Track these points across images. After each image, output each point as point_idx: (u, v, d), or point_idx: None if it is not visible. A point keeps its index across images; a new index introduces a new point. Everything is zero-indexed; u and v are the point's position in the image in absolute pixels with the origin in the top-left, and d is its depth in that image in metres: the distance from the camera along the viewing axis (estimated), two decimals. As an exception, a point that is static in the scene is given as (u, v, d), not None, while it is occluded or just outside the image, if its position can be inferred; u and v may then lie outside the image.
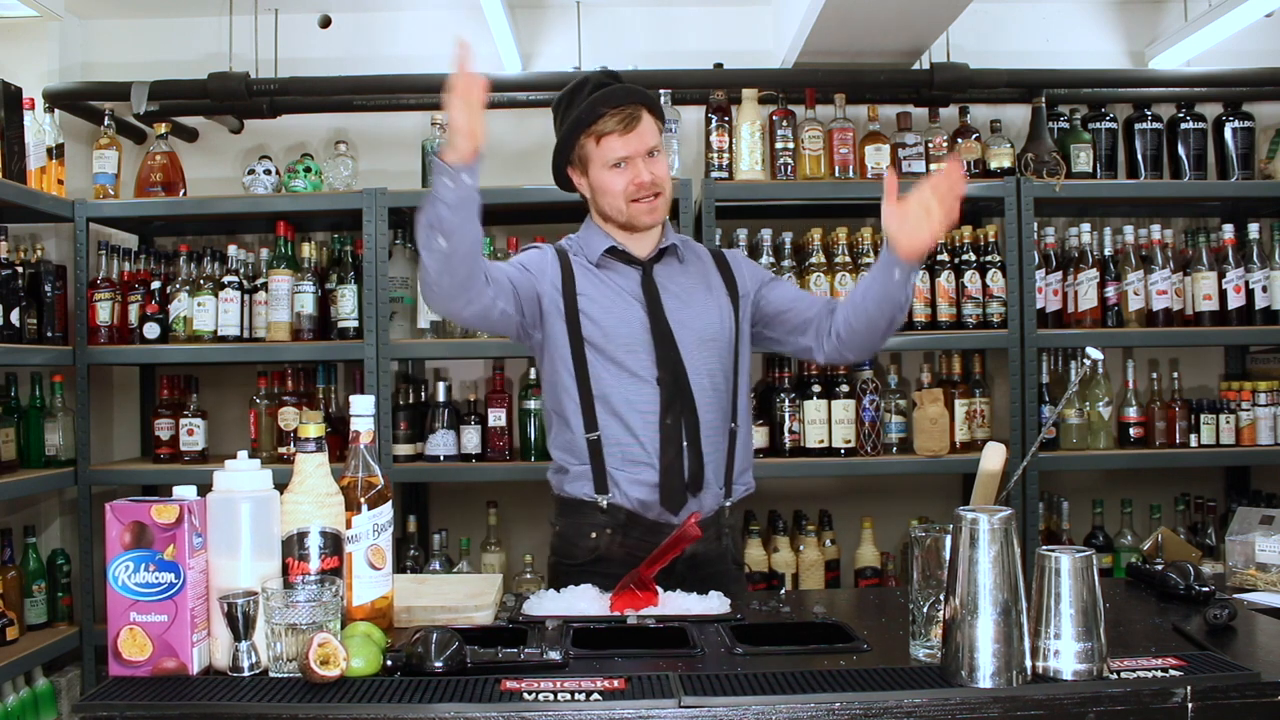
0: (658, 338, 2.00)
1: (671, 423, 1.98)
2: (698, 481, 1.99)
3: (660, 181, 2.02)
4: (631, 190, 2.01)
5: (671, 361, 2.00)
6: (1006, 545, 1.30)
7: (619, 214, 2.04)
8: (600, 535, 2.01)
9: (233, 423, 3.60)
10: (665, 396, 1.98)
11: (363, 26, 3.68)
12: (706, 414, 2.01)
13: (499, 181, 3.41)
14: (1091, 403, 3.30)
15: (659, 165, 2.03)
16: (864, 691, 1.27)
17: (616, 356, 2.00)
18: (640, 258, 2.07)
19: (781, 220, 3.49)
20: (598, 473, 2.00)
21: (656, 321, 2.01)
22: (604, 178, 2.03)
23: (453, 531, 3.37)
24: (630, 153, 1.99)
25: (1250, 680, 1.31)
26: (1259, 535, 1.90)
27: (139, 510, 1.36)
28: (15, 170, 3.00)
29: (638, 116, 1.99)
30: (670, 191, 2.08)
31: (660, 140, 2.05)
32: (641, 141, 1.99)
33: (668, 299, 2.04)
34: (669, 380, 1.99)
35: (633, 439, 1.99)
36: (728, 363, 2.07)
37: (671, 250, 2.10)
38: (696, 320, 2.04)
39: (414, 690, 1.29)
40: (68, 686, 3.25)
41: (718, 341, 2.05)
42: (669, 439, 1.98)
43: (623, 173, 2.01)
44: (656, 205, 2.03)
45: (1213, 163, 3.47)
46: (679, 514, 1.98)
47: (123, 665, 1.36)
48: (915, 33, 3.20)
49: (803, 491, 3.59)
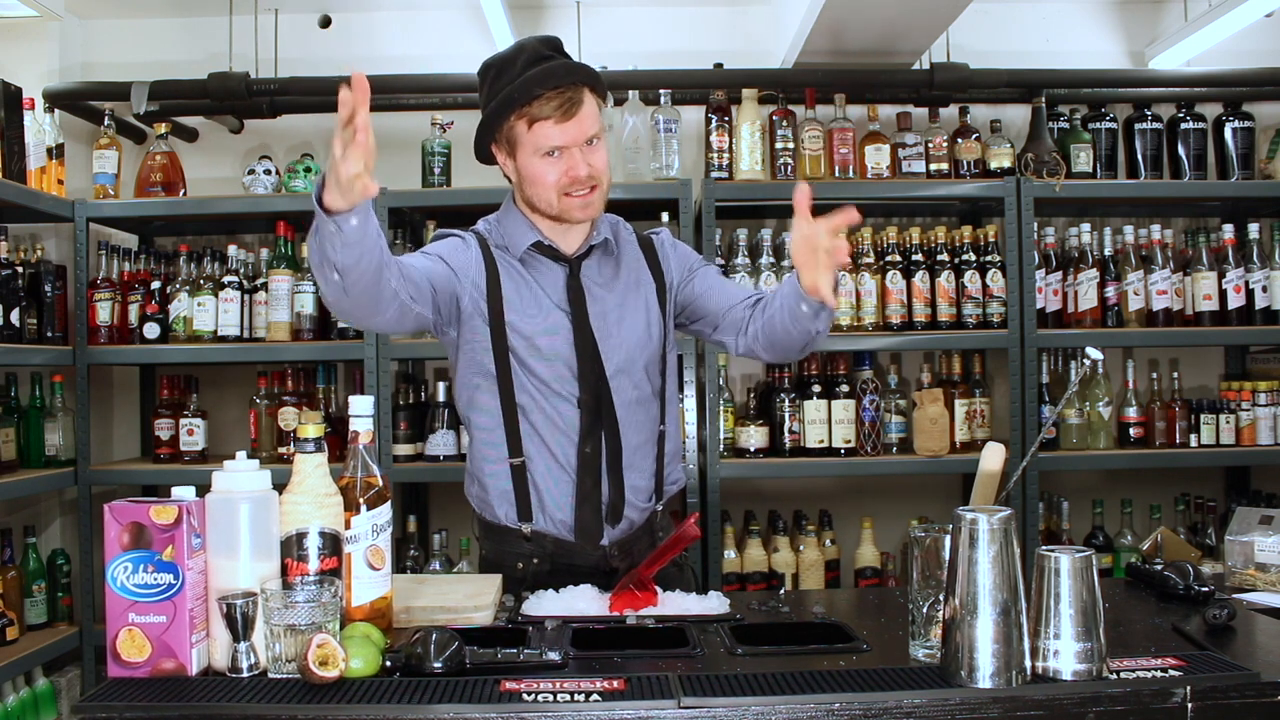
0: (581, 353, 1.85)
1: (591, 451, 1.85)
2: (617, 512, 1.87)
3: (598, 174, 1.82)
4: (565, 183, 1.81)
5: (594, 381, 1.85)
6: (1006, 545, 1.29)
7: (549, 206, 1.84)
8: (527, 565, 1.89)
9: (233, 423, 3.60)
10: (585, 421, 1.85)
11: (363, 26, 3.68)
12: (633, 435, 1.89)
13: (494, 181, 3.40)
14: (1091, 403, 3.30)
15: (597, 155, 1.82)
16: (864, 692, 1.27)
17: (538, 370, 1.85)
18: (568, 254, 1.89)
19: (782, 220, 3.49)
20: (520, 497, 1.87)
21: (581, 334, 1.85)
22: (534, 166, 1.81)
23: (453, 531, 3.37)
24: (567, 142, 1.78)
25: (1250, 680, 1.31)
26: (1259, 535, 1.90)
27: (138, 511, 1.36)
28: (15, 170, 3.00)
29: (578, 100, 1.78)
30: (608, 183, 1.87)
31: (601, 125, 1.84)
32: (580, 129, 1.78)
33: (594, 305, 1.88)
34: (590, 403, 1.85)
35: (554, 462, 1.86)
36: (655, 368, 1.94)
37: (602, 244, 1.92)
38: (625, 330, 1.90)
39: (413, 691, 1.29)
40: (68, 686, 3.25)
41: (646, 349, 1.92)
42: (586, 467, 1.85)
43: (556, 162, 1.80)
44: (592, 199, 1.83)
45: (1213, 163, 3.47)
46: (596, 544, 1.88)
47: (122, 666, 1.36)
48: (915, 33, 3.20)
49: (803, 491, 3.59)
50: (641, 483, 1.93)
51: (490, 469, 1.91)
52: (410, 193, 3.25)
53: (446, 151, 3.32)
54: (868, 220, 3.43)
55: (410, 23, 3.68)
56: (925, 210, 3.62)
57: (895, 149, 3.29)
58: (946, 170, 3.31)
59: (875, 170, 3.26)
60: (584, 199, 1.83)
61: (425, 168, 3.30)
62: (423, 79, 3.37)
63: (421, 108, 3.56)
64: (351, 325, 2.40)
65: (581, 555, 1.90)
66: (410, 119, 3.63)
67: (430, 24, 3.68)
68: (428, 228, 3.31)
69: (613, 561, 1.92)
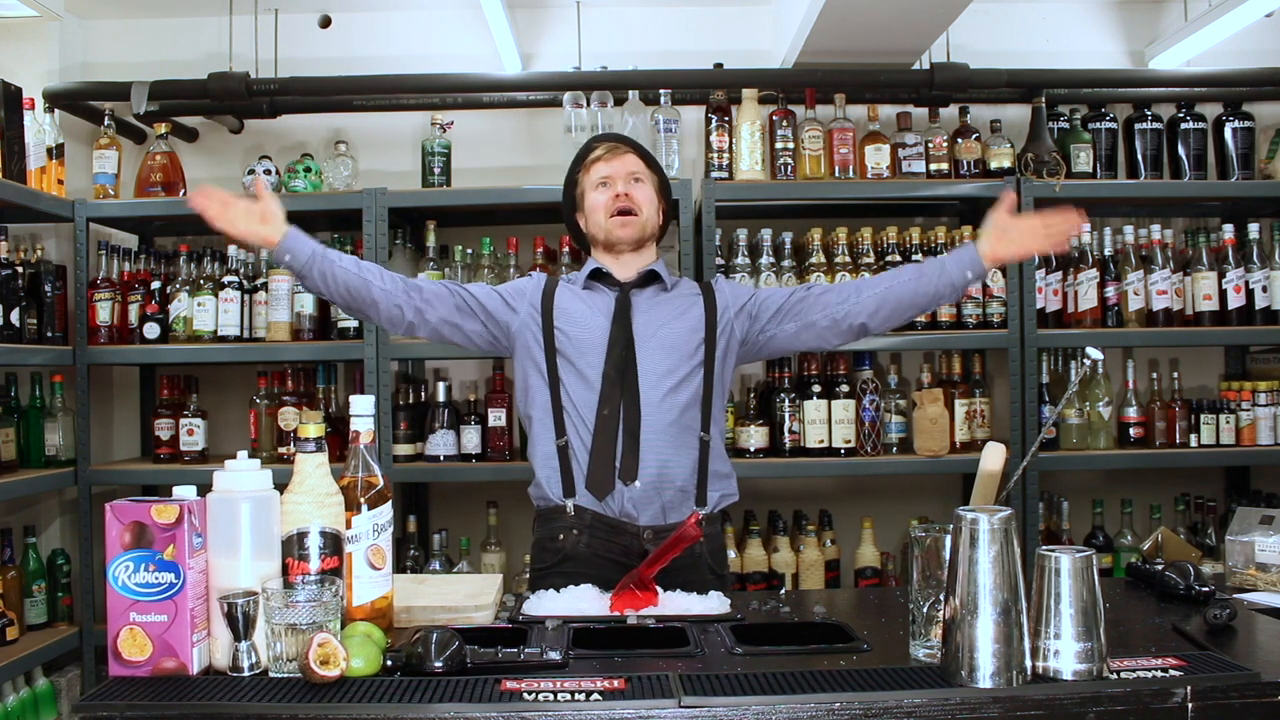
0: (613, 341, 2.08)
1: (609, 413, 2.04)
2: (631, 471, 2.01)
3: (637, 202, 2.16)
4: (610, 204, 2.16)
5: (619, 359, 2.06)
6: (1006, 545, 1.30)
7: (600, 230, 2.18)
8: (567, 537, 2.06)
9: (233, 423, 3.60)
10: (605, 389, 2.05)
11: (363, 26, 3.68)
12: (656, 412, 2.04)
13: (499, 182, 3.41)
14: (1091, 403, 3.30)
15: (640, 189, 2.18)
16: (864, 691, 1.27)
17: (578, 363, 2.08)
18: (621, 280, 2.17)
19: (781, 220, 3.49)
20: (565, 477, 2.06)
21: (618, 329, 2.09)
22: (590, 198, 2.20)
23: (453, 531, 3.37)
24: (612, 173, 2.18)
25: (1250, 680, 1.31)
26: (1259, 535, 1.90)
27: (139, 510, 1.36)
28: (15, 170, 3.00)
29: (624, 152, 2.20)
30: (651, 220, 2.19)
31: (647, 176, 2.21)
32: (624, 166, 2.18)
33: (638, 315, 2.13)
34: (612, 375, 2.05)
35: (587, 430, 2.05)
36: (694, 371, 2.10)
37: (655, 278, 2.18)
38: (663, 330, 2.11)
39: (414, 690, 1.29)
40: (68, 686, 3.25)
41: (682, 349, 2.10)
42: (603, 426, 2.03)
43: (605, 190, 2.18)
44: (630, 221, 2.15)
45: (1213, 163, 3.47)
46: (604, 500, 2.02)
47: (123, 665, 1.36)
48: (915, 33, 3.20)
49: (803, 491, 3.59)
50: (673, 460, 2.04)
51: (542, 455, 2.11)
52: (410, 193, 3.25)
53: (446, 151, 3.32)
54: (868, 220, 3.43)
55: (410, 22, 3.68)
56: (925, 210, 3.62)
57: (895, 149, 3.29)
58: (946, 170, 3.31)
59: (875, 170, 3.26)
60: (624, 219, 2.16)
61: (425, 168, 3.30)
62: (423, 79, 3.37)
63: (421, 108, 3.56)
64: None
65: (617, 534, 2.03)
66: (410, 119, 3.63)
67: (430, 24, 3.68)
68: (428, 228, 3.31)
69: (647, 545, 2.01)
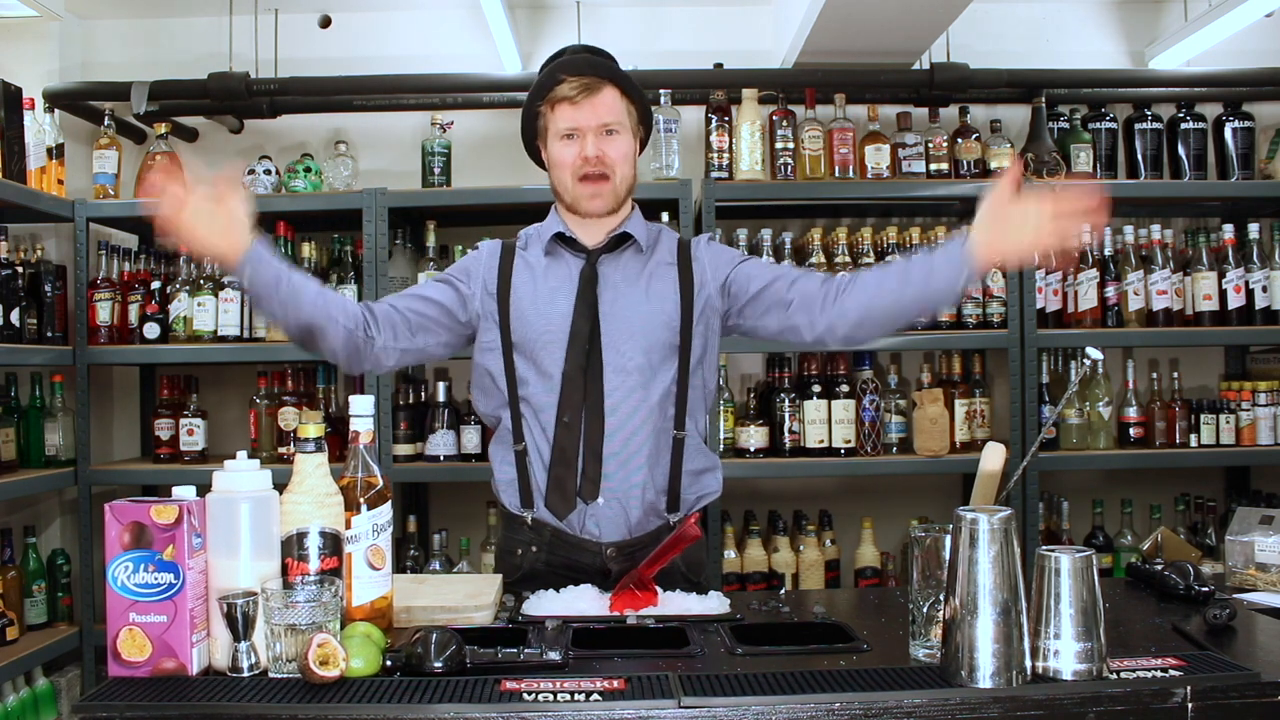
0: (575, 331, 1.81)
1: (570, 420, 1.81)
2: (593, 489, 1.82)
3: (609, 162, 1.82)
4: (578, 165, 1.83)
5: (581, 354, 1.80)
6: (1006, 545, 1.29)
7: (566, 192, 1.87)
8: (525, 553, 1.90)
9: (233, 423, 3.60)
10: (565, 391, 1.81)
11: (363, 26, 3.68)
12: (626, 417, 1.83)
13: (498, 181, 3.41)
14: (1091, 403, 3.30)
15: (613, 145, 1.83)
16: (864, 691, 1.27)
17: (537, 358, 1.84)
18: (589, 246, 1.88)
19: (781, 220, 3.49)
20: (522, 484, 1.88)
21: (582, 317, 1.82)
22: (554, 149, 1.86)
23: (453, 531, 3.37)
24: (580, 124, 1.82)
25: (1250, 680, 1.31)
26: (1259, 535, 1.90)
27: (138, 510, 1.36)
28: (15, 170, 3.00)
29: (596, 88, 1.81)
30: (626, 180, 1.87)
31: (627, 121, 1.86)
32: (594, 114, 1.81)
33: (606, 291, 1.85)
34: (572, 374, 1.80)
35: (544, 438, 1.85)
36: (667, 361, 1.86)
37: (628, 240, 1.89)
38: (634, 319, 1.84)
39: (413, 690, 1.29)
40: (68, 686, 3.25)
41: (654, 337, 1.84)
42: (564, 436, 1.81)
43: (571, 144, 1.83)
44: (601, 189, 1.83)
45: (1213, 163, 3.47)
46: (565, 519, 1.85)
47: (122, 666, 1.36)
48: (915, 33, 3.20)
49: (803, 491, 3.59)
50: (640, 472, 1.85)
51: (500, 458, 1.94)
52: (410, 193, 3.25)
53: (446, 151, 3.32)
54: (867, 220, 3.43)
55: (410, 22, 3.68)
56: (925, 210, 3.61)
57: (895, 149, 3.29)
58: (946, 170, 3.31)
59: (875, 170, 3.26)
60: (594, 187, 1.84)
61: (425, 168, 3.30)
62: (423, 79, 3.37)
63: (421, 108, 3.56)
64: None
65: (578, 551, 1.89)
66: (410, 119, 3.63)
67: (430, 24, 3.68)
68: (428, 228, 3.31)
69: (610, 564, 1.89)
